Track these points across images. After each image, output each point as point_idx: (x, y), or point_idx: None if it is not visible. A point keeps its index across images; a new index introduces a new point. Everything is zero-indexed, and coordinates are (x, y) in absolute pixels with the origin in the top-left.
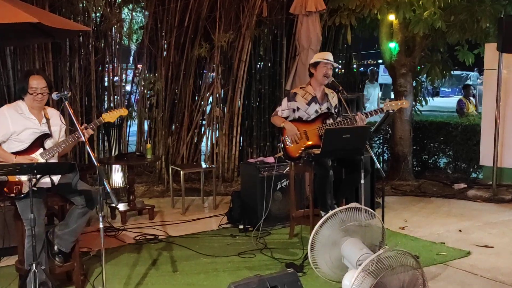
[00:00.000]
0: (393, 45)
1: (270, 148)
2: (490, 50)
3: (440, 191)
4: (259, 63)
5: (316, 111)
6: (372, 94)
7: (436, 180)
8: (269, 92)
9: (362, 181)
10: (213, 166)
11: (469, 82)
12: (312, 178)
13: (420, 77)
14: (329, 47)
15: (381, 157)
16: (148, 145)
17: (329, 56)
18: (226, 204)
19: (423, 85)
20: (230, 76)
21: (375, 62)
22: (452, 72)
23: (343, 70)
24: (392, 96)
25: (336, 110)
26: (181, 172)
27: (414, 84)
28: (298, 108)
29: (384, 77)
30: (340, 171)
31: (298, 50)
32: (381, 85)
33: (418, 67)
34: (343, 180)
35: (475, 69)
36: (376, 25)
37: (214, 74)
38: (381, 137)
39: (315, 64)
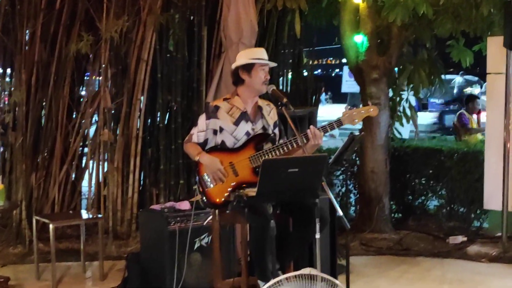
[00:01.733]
0: (360, 38)
1: (185, 188)
2: (494, 46)
3: (430, 248)
4: (168, 63)
5: (248, 133)
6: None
7: (424, 232)
8: (183, 106)
9: (318, 235)
10: (100, 216)
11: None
12: (246, 232)
13: (399, 83)
14: (268, 41)
15: (345, 200)
16: (0, 186)
17: (263, 53)
18: (120, 272)
19: (403, 95)
20: (125, 82)
21: (336, 62)
22: (444, 76)
23: (289, 74)
24: None
25: (276, 130)
26: (51, 226)
27: (390, 94)
28: (221, 129)
29: (349, 83)
30: (286, 221)
31: (224, 45)
32: (344, 94)
33: (396, 69)
34: (290, 234)
35: (460, 72)
36: (336, 11)
37: (101, 79)
38: (345, 171)
39: (248, 67)
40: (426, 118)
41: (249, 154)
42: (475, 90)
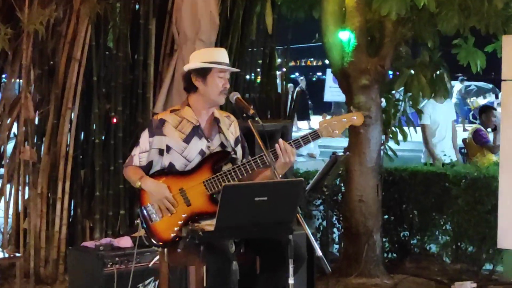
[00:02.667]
0: (346, 35)
1: (127, 220)
2: (511, 46)
3: None
4: (107, 63)
5: (202, 152)
6: (442, 120)
7: (425, 276)
8: (125, 117)
9: (291, 280)
10: (18, 255)
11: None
12: (202, 276)
13: (394, 92)
14: (232, 37)
15: (326, 236)
16: None
17: (222, 56)
18: None
19: (399, 107)
20: (52, 86)
21: (318, 64)
22: (450, 83)
23: (258, 78)
24: None
25: (238, 147)
26: None
27: (383, 104)
28: (168, 149)
29: (334, 90)
30: (252, 262)
31: (177, 42)
32: (327, 104)
33: (391, 73)
34: (257, 279)
35: (459, 77)
36: (317, 0)
37: (21, 82)
38: (326, 199)
39: (203, 72)
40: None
41: (204, 177)
42: (480, 100)
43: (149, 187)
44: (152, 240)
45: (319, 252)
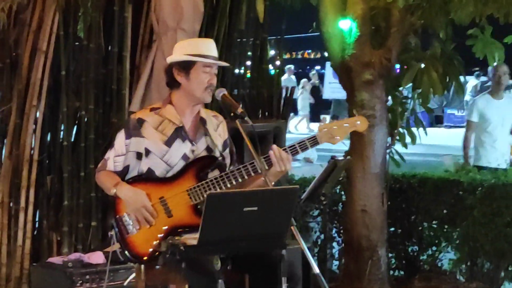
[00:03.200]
0: (347, 24)
1: (99, 232)
2: None
3: None
4: (77, 56)
5: (185, 157)
6: (498, 115)
7: None
8: (97, 117)
9: None
10: None
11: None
12: None
13: (401, 88)
14: (219, 26)
15: (324, 251)
16: None
17: (209, 47)
18: None
19: (407, 105)
20: (14, 82)
21: (316, 56)
22: (465, 78)
23: (248, 73)
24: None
25: (226, 152)
26: None
27: (389, 102)
28: (147, 152)
29: (334, 87)
30: (240, 280)
31: (156, 32)
32: (326, 102)
33: (398, 67)
34: None
35: (475, 72)
36: None
37: None
38: (325, 210)
39: (186, 66)
40: (440, 136)
41: (188, 185)
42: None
43: (126, 195)
44: (128, 254)
45: (316, 270)
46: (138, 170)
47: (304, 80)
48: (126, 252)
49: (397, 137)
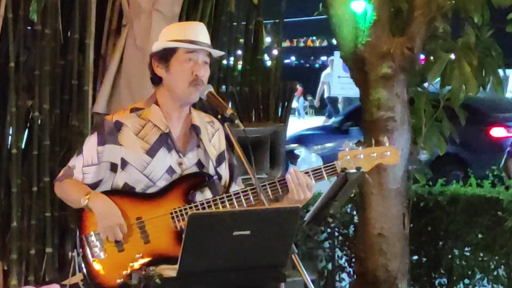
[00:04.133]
0: (360, 6)
1: (55, 260)
2: None
3: None
4: (29, 43)
5: (171, 171)
6: None
7: None
8: (54, 118)
9: None
10: None
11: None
12: None
13: (427, 85)
14: (203, 9)
15: (332, 284)
16: None
17: (199, 32)
18: None
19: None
20: None
21: (321, 45)
22: (504, 72)
23: (239, 64)
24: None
25: (223, 168)
26: None
27: (414, 101)
28: (124, 163)
29: (344, 82)
30: None
31: (127, 15)
32: (333, 99)
33: (423, 59)
34: None
35: None
36: None
37: None
38: (333, 234)
39: (165, 55)
40: None
41: (173, 207)
42: None
43: (99, 207)
44: (91, 284)
45: None
46: (112, 185)
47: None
48: (89, 281)
49: (422, 144)
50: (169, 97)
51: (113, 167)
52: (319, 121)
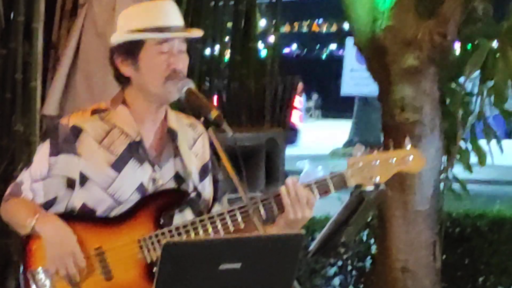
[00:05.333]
0: None
1: None
2: None
3: None
4: None
5: (142, 189)
6: None
7: None
8: None
9: None
10: None
11: None
12: None
13: (463, 80)
14: None
15: None
16: None
17: (169, 12)
18: None
19: (472, 106)
20: None
21: (330, 30)
22: None
23: (225, 55)
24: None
25: (205, 184)
26: None
27: (447, 101)
28: (84, 179)
29: (357, 76)
30: None
31: None
32: (346, 100)
33: (458, 48)
34: None
35: None
36: None
37: None
38: (346, 267)
39: (131, 49)
40: None
41: (141, 233)
42: None
43: (49, 229)
44: None
45: None
46: (68, 205)
47: None
48: None
49: (457, 156)
50: (141, 98)
51: (70, 183)
52: (330, 125)
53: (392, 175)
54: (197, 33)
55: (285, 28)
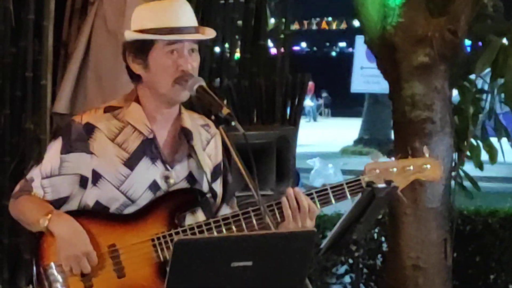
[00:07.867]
0: None
1: None
2: None
3: None
4: None
5: (155, 187)
6: None
7: None
8: (4, 121)
9: None
10: None
11: None
12: None
13: (474, 77)
14: None
15: None
16: None
17: (181, 14)
18: None
19: (483, 104)
20: None
21: (339, 28)
22: None
23: (236, 52)
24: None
25: (217, 184)
26: None
27: (456, 99)
28: (97, 176)
29: (368, 75)
30: None
31: None
32: (356, 97)
33: (469, 46)
34: None
35: None
36: None
37: None
38: (357, 265)
39: (141, 49)
40: None
41: (154, 232)
42: None
43: (62, 231)
44: None
45: None
46: (80, 204)
47: None
48: None
49: (468, 153)
50: (151, 97)
51: (83, 181)
52: (340, 123)
53: (408, 182)
54: (209, 34)
55: (295, 26)
